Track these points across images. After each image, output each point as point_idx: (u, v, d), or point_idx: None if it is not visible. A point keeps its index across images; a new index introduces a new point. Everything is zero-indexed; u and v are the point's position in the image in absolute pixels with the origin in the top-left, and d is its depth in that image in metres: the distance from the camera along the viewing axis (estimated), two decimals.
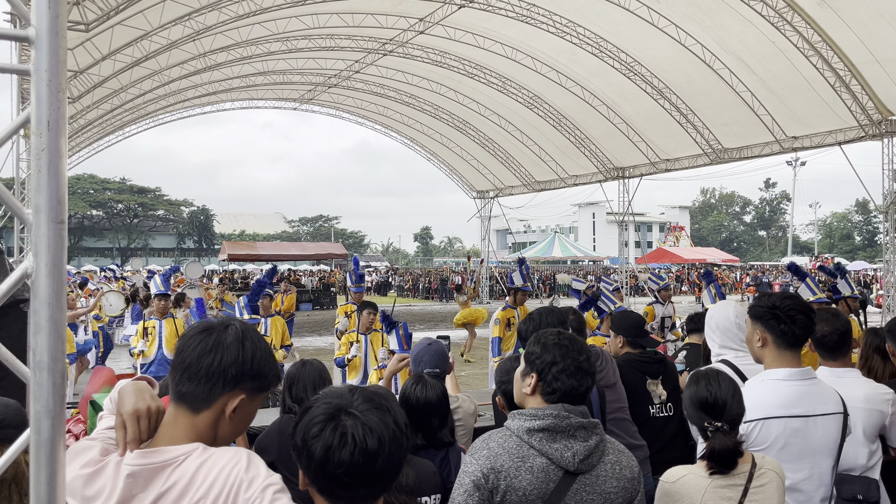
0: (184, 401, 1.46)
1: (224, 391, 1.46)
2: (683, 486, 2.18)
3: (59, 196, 0.91)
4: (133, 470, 1.37)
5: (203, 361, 1.45)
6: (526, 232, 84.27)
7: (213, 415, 1.46)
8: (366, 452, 1.31)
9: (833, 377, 2.76)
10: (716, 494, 2.13)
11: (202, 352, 1.46)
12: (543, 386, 1.98)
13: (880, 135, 16.39)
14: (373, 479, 1.34)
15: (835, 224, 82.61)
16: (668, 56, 17.39)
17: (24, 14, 0.90)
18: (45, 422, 0.91)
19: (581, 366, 1.98)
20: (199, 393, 1.45)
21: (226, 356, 1.46)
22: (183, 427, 1.45)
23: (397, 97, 25.19)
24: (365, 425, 1.33)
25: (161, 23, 14.77)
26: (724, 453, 2.12)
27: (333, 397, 1.40)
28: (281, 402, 3.45)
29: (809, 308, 2.50)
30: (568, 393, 1.95)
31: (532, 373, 2.01)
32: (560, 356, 1.98)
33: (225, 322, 1.55)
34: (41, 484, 0.91)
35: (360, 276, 9.10)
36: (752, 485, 2.13)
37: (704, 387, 2.22)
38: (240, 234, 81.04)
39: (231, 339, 1.48)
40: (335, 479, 1.32)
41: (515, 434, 1.91)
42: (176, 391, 1.47)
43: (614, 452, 1.98)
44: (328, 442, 1.32)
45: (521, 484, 1.83)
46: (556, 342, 2.03)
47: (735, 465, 2.14)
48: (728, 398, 2.18)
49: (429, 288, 38.73)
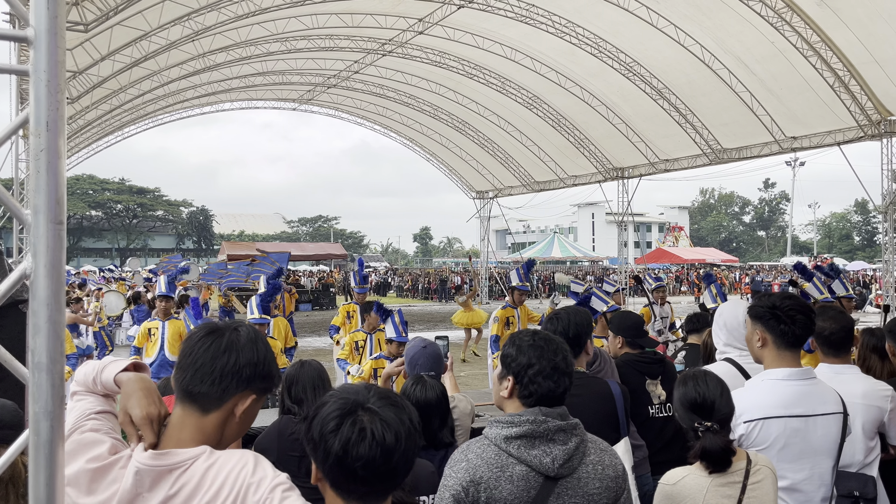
0: (195, 401, 1.46)
1: (237, 391, 1.47)
2: (685, 487, 2.18)
3: (58, 196, 0.91)
4: (142, 468, 1.38)
5: (217, 362, 1.46)
6: (525, 232, 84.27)
7: (222, 415, 1.47)
8: (384, 447, 1.32)
9: (832, 373, 2.77)
10: (717, 493, 2.14)
11: (216, 353, 1.46)
12: (520, 389, 1.94)
13: (879, 135, 16.40)
14: (388, 474, 1.35)
15: (834, 224, 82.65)
16: (668, 56, 17.39)
17: (22, 14, 0.90)
18: (44, 423, 0.90)
19: (557, 366, 1.93)
20: (212, 393, 1.45)
21: (241, 357, 1.47)
22: (190, 429, 1.45)
23: (396, 97, 25.20)
24: (382, 420, 1.34)
25: (160, 23, 14.77)
26: (715, 453, 2.12)
27: (350, 393, 1.41)
28: (280, 402, 3.45)
29: (809, 308, 2.51)
30: (546, 395, 1.91)
31: (508, 376, 1.97)
32: (536, 358, 1.94)
33: (233, 324, 1.56)
34: (40, 485, 0.91)
35: (364, 277, 9.13)
36: (750, 481, 2.14)
37: (692, 387, 2.23)
38: (239, 235, 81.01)
39: (245, 341, 1.50)
40: (352, 474, 1.33)
41: (493, 443, 1.87)
42: (186, 391, 1.47)
43: (596, 452, 1.94)
44: (346, 436, 1.32)
45: (501, 494, 1.80)
46: (532, 343, 1.98)
47: (730, 464, 2.15)
48: (716, 397, 2.18)
49: (428, 288, 38.74)
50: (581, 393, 2.82)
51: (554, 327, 2.88)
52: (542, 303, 32.01)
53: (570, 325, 2.89)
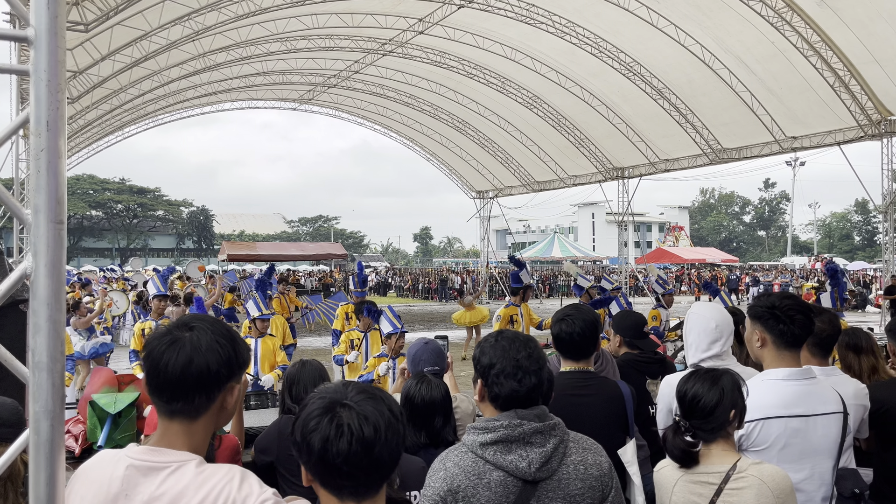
0: (180, 415, 1.43)
1: (221, 391, 1.46)
2: (660, 476, 2.25)
3: (59, 196, 0.91)
4: (133, 463, 1.38)
5: (189, 375, 1.40)
6: (525, 232, 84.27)
7: (211, 413, 1.47)
8: (363, 441, 1.33)
9: (824, 375, 2.78)
10: (686, 489, 2.16)
11: (184, 364, 1.40)
12: (488, 391, 1.90)
13: (879, 135, 16.41)
14: (372, 467, 1.35)
15: (834, 224, 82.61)
16: (668, 56, 17.39)
17: (23, 14, 0.90)
18: (45, 422, 0.91)
19: (520, 364, 1.86)
20: (197, 403, 1.43)
21: (211, 360, 1.42)
22: (182, 436, 1.44)
23: (397, 97, 25.20)
24: (360, 415, 1.35)
25: (160, 23, 14.78)
26: (673, 451, 2.17)
27: (328, 392, 1.41)
28: (280, 402, 3.45)
29: (808, 308, 2.50)
30: (510, 396, 1.84)
31: (478, 378, 1.94)
32: (497, 357, 1.88)
33: (184, 323, 1.48)
34: (40, 484, 0.91)
35: (364, 281, 9.16)
36: (728, 486, 2.12)
37: (692, 383, 2.24)
38: (239, 235, 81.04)
39: (207, 342, 1.43)
40: (336, 470, 1.34)
41: (470, 449, 1.83)
42: (167, 410, 1.43)
43: (578, 451, 1.89)
44: (325, 433, 1.33)
45: (479, 502, 1.78)
46: (494, 343, 1.92)
47: (692, 464, 2.17)
48: (710, 402, 2.18)
49: (428, 288, 38.75)
50: (591, 393, 2.82)
51: (571, 329, 2.86)
52: (542, 303, 32.03)
53: (586, 326, 2.87)
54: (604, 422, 2.78)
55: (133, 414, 3.58)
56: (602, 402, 2.83)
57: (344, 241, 75.01)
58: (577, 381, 2.82)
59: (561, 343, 2.86)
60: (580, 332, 2.81)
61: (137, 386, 3.66)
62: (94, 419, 3.60)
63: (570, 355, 2.87)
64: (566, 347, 2.86)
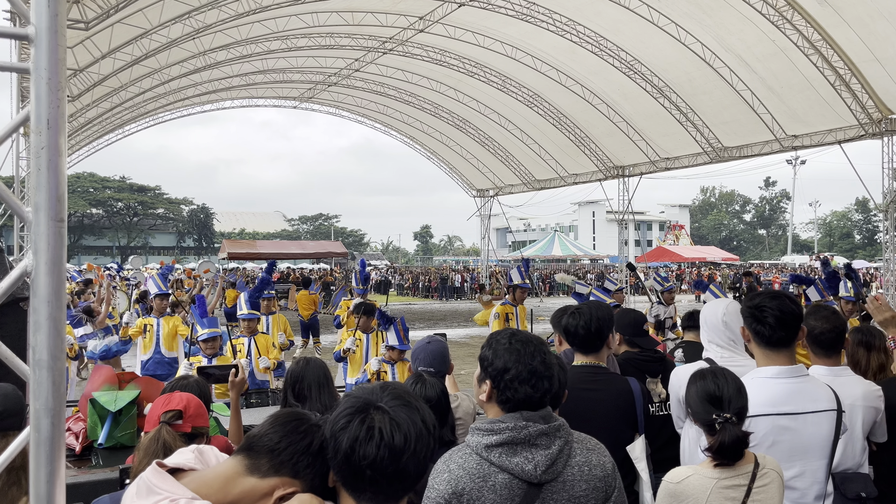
0: (251, 456, 1.35)
1: (308, 473, 1.37)
2: (689, 486, 2.16)
3: (59, 194, 0.91)
4: (142, 478, 1.30)
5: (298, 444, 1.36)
6: (526, 230, 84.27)
7: (264, 487, 1.34)
8: (392, 448, 1.29)
9: (832, 376, 2.77)
10: (721, 495, 2.12)
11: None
12: (498, 394, 1.86)
13: (880, 133, 16.40)
14: (396, 476, 1.31)
15: (834, 223, 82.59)
16: (668, 54, 17.38)
17: (23, 12, 0.90)
18: (45, 420, 0.91)
19: (536, 370, 1.84)
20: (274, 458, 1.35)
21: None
22: (236, 484, 1.33)
23: (397, 96, 25.19)
24: (393, 420, 1.32)
25: (161, 21, 14.77)
26: (733, 445, 2.11)
27: (363, 392, 1.39)
28: (282, 400, 3.45)
29: (789, 310, 2.46)
30: (524, 401, 1.83)
31: (486, 379, 1.90)
32: (512, 362, 1.85)
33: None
34: (41, 482, 0.91)
35: (366, 278, 9.17)
36: (756, 484, 2.12)
37: (711, 381, 2.23)
38: (239, 233, 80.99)
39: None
40: (359, 473, 1.30)
41: (475, 451, 1.81)
42: (249, 446, 1.37)
43: (582, 452, 1.87)
44: (355, 434, 1.30)
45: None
46: (508, 346, 1.88)
47: (741, 456, 2.14)
48: (733, 392, 2.19)
49: (428, 286, 38.74)
50: (601, 388, 2.83)
51: (576, 321, 2.87)
52: (542, 302, 32.01)
53: (592, 319, 2.87)
54: (612, 417, 2.78)
55: (133, 412, 3.59)
56: (611, 397, 2.83)
57: (344, 239, 74.98)
58: (586, 376, 2.83)
59: (567, 335, 2.90)
60: (584, 325, 2.83)
61: (137, 384, 3.67)
62: (95, 417, 3.61)
63: (578, 348, 2.90)
64: (572, 340, 2.89)
